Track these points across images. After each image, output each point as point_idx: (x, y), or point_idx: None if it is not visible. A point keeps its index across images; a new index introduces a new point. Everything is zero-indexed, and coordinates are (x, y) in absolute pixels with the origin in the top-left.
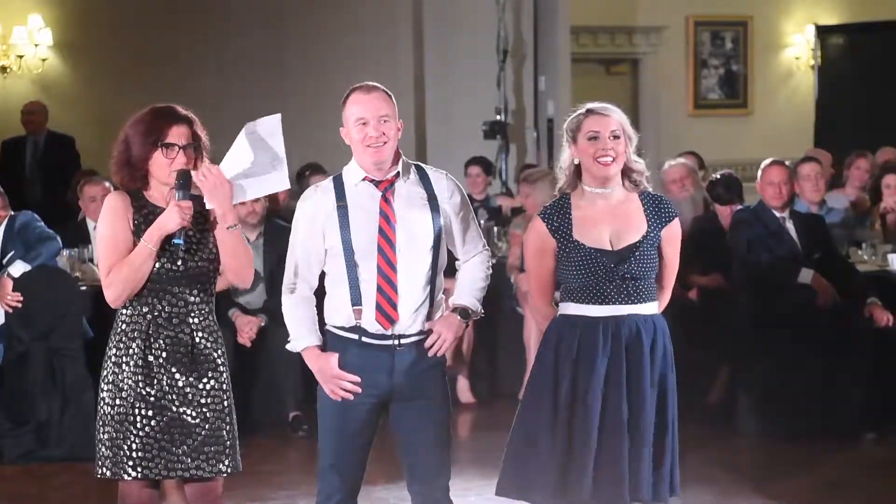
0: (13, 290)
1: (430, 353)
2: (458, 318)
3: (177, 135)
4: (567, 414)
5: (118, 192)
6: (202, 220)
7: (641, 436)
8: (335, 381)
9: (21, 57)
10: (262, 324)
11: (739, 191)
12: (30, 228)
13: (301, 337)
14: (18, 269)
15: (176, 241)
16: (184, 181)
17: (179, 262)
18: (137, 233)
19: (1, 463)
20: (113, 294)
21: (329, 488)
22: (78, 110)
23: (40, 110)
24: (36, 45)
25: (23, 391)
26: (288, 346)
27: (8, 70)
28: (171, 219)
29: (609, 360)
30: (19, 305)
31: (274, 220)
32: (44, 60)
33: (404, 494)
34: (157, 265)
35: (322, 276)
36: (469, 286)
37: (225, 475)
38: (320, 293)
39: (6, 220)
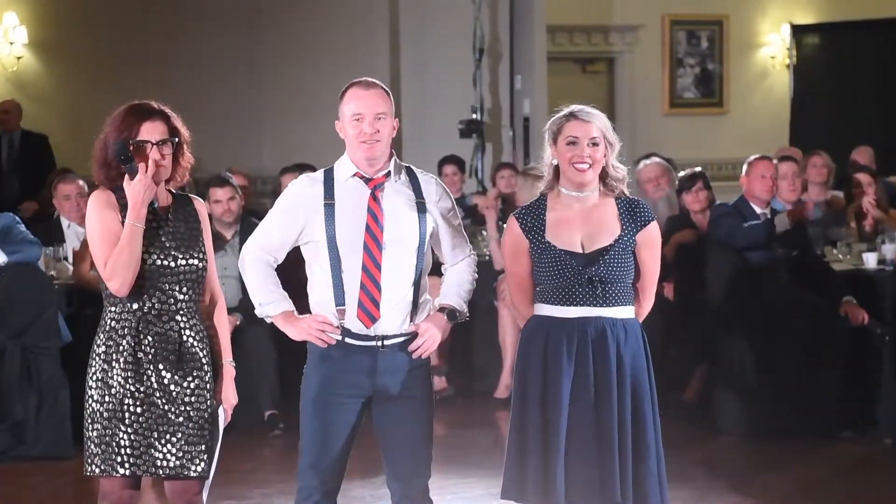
0: None
1: (416, 355)
2: (445, 318)
3: (150, 131)
4: (540, 415)
5: (102, 190)
6: (192, 220)
7: (608, 437)
8: (322, 325)
9: None
10: (238, 323)
11: (705, 178)
12: (13, 233)
13: (274, 301)
14: None
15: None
16: (124, 154)
17: (171, 260)
18: None
19: None
20: (117, 283)
21: (309, 487)
22: (52, 108)
23: (15, 109)
24: (11, 44)
25: None
26: (258, 312)
27: None
28: (138, 191)
29: (575, 361)
30: None
31: (249, 219)
32: (19, 59)
33: (380, 493)
34: (149, 261)
35: (305, 274)
36: (456, 287)
37: (205, 477)
38: (303, 294)
39: None
